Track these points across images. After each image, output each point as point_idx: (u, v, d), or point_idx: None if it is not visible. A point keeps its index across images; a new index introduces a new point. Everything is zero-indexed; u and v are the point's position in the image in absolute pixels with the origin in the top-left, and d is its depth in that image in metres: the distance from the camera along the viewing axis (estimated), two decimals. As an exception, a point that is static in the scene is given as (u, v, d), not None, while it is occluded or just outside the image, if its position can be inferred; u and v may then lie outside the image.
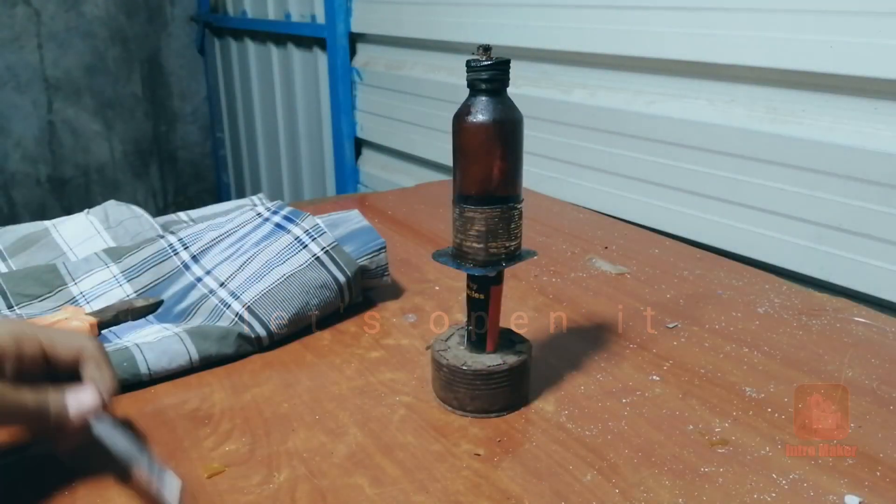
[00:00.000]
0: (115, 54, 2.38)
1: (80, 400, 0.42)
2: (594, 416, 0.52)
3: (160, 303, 0.60)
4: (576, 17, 1.07)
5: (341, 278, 0.65)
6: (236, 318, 0.60)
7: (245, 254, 0.65)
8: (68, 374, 0.43)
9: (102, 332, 0.60)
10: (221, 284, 0.63)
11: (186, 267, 0.66)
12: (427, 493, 0.44)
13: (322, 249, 0.65)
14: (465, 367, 0.51)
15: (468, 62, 0.47)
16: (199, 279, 0.65)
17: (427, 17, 1.39)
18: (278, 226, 0.67)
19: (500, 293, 0.51)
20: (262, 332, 0.60)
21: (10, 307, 0.63)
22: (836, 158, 0.79)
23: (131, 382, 0.55)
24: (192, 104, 2.59)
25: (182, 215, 0.86)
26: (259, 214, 0.70)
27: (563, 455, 0.47)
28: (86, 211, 0.78)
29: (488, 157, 0.47)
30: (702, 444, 0.48)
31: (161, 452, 0.48)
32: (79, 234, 0.74)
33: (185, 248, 0.68)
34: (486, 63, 0.46)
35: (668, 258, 0.81)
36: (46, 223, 0.76)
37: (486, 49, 0.46)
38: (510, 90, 0.48)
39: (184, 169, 2.64)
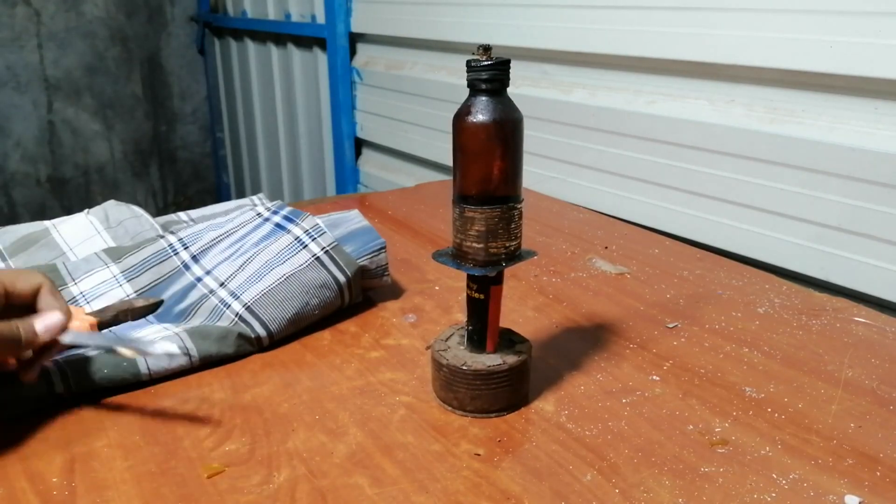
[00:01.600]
0: (115, 54, 2.38)
1: (46, 321, 0.48)
2: (594, 416, 0.52)
3: (160, 303, 0.60)
4: (576, 17, 1.07)
5: (341, 278, 0.65)
6: (236, 318, 0.60)
7: (245, 254, 0.65)
8: (23, 310, 0.49)
9: (102, 331, 0.60)
10: (221, 284, 0.63)
11: (186, 267, 0.66)
12: (427, 493, 0.44)
13: (322, 249, 0.65)
14: (465, 367, 0.51)
15: (468, 62, 0.47)
16: (198, 279, 0.65)
17: (427, 17, 1.39)
18: (278, 226, 0.67)
19: (500, 293, 0.51)
20: (261, 332, 0.60)
21: (10, 307, 0.63)
22: (836, 158, 0.79)
23: (131, 382, 0.55)
24: (192, 104, 2.59)
25: (182, 215, 0.86)
26: (259, 214, 0.70)
27: (563, 455, 0.47)
28: (86, 211, 0.78)
29: (488, 157, 0.47)
30: (702, 444, 0.48)
31: (161, 452, 0.48)
32: (79, 234, 0.74)
33: (185, 248, 0.68)
34: (486, 63, 0.46)
35: (668, 258, 0.81)
36: (46, 223, 0.76)
37: (486, 49, 0.46)
38: (510, 90, 0.48)
39: (184, 169, 2.64)
